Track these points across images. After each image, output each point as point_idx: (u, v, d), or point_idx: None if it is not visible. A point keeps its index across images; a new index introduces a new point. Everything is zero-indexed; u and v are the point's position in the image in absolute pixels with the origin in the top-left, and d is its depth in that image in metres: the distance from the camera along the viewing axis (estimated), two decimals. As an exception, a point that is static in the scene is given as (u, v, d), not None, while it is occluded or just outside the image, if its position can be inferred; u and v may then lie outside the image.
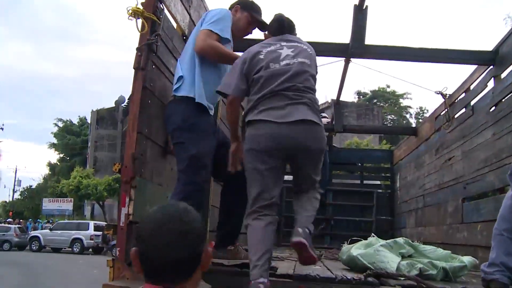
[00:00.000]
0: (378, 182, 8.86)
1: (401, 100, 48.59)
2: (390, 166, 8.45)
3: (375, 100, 47.17)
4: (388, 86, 47.45)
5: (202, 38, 2.82)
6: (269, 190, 2.45)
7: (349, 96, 51.85)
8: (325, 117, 8.12)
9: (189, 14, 3.55)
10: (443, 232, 5.03)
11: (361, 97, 48.78)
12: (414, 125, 46.76)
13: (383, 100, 47.93)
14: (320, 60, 3.12)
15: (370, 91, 48.89)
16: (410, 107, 49.33)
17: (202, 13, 3.61)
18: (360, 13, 4.37)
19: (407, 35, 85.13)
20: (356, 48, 4.48)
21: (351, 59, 4.95)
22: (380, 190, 8.36)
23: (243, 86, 2.59)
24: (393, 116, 47.84)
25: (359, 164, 8.91)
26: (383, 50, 4.49)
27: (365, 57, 4.59)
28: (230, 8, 3.18)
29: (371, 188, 8.33)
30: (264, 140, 2.44)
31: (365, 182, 8.62)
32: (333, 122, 7.31)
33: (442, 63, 5.09)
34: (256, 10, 3.20)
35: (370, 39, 4.59)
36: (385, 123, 44.30)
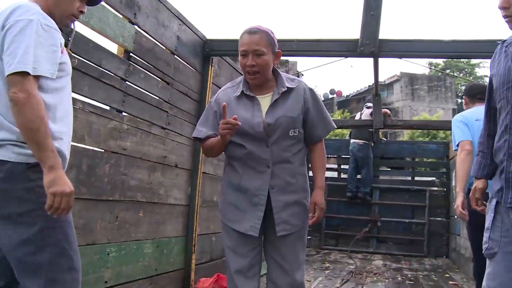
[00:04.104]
0: (432, 179, 7.92)
1: (476, 70, 45.16)
2: (446, 161, 7.48)
3: (448, 71, 44.22)
4: (462, 55, 44.00)
5: None
6: None
7: (419, 67, 48.91)
8: (369, 107, 7.26)
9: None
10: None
11: (432, 68, 45.89)
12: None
13: (457, 70, 44.84)
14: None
15: (443, 61, 45.82)
16: (486, 76, 45.69)
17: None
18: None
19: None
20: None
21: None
22: (434, 188, 7.46)
23: None
24: (467, 87, 44.62)
25: (411, 159, 7.98)
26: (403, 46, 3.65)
27: (381, 56, 3.78)
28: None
29: (423, 185, 7.49)
30: None
31: (416, 178, 7.73)
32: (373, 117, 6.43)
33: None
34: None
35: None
36: (459, 94, 41.54)
